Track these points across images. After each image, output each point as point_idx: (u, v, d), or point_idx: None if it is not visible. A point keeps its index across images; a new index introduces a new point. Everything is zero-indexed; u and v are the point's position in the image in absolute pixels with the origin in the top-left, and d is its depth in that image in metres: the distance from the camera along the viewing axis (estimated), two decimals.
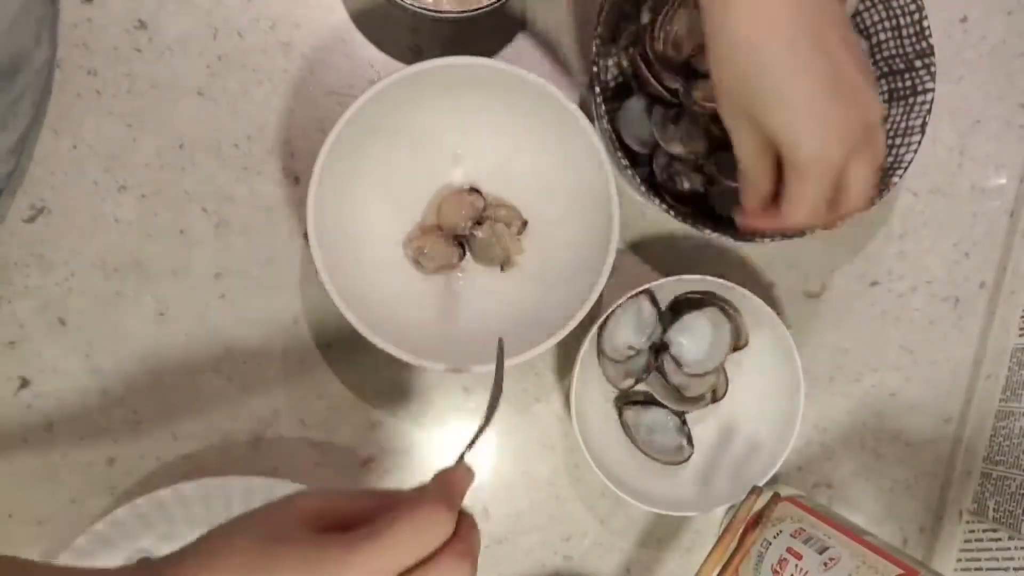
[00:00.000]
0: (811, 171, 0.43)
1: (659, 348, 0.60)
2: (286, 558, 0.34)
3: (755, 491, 0.54)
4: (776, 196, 0.47)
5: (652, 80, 0.57)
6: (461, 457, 0.41)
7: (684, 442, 0.60)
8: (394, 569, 0.35)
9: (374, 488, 0.38)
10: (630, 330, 0.59)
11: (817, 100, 0.41)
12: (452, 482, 0.39)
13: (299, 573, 0.33)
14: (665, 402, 0.61)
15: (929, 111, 0.57)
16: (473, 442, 0.42)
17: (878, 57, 0.60)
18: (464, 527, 0.37)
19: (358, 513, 0.36)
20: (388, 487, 0.58)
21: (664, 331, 0.60)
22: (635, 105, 0.59)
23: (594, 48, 0.55)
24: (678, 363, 0.59)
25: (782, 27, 0.40)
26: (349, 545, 0.34)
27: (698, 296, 0.60)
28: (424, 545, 0.35)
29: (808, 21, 0.41)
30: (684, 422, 0.61)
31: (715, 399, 0.61)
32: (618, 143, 0.57)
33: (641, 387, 0.61)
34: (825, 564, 0.50)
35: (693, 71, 0.58)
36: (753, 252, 0.63)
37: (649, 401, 0.61)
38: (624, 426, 0.61)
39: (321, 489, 0.37)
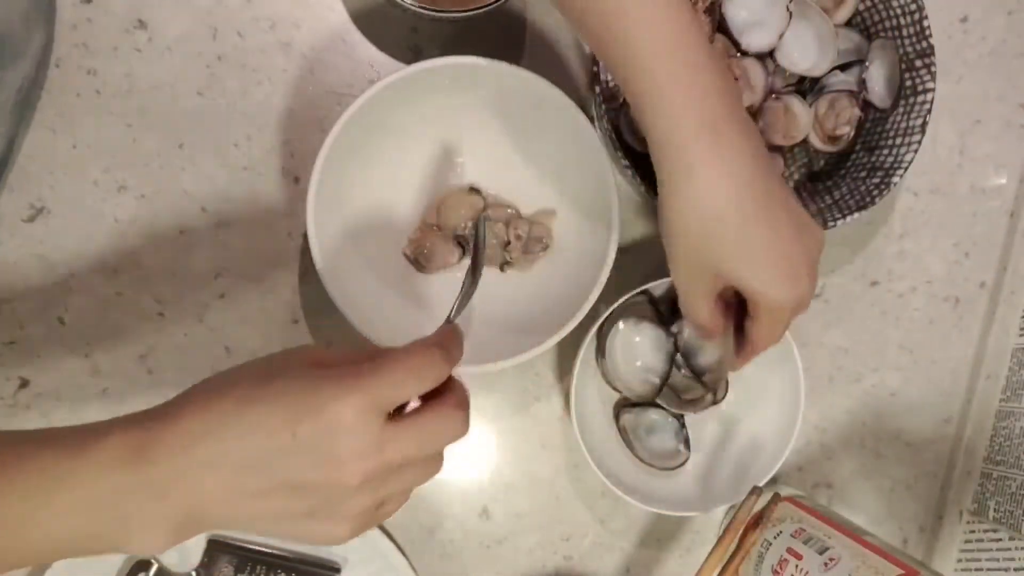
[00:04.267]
0: (786, 312, 0.46)
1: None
2: (283, 388, 0.36)
3: (755, 491, 0.54)
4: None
5: None
6: (450, 317, 0.42)
7: (681, 446, 0.60)
8: (386, 401, 0.36)
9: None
10: (645, 356, 0.60)
11: (786, 252, 0.44)
12: (447, 334, 0.40)
13: (296, 401, 0.35)
14: (664, 404, 0.60)
15: (929, 111, 0.57)
16: (459, 304, 0.44)
17: None
18: (456, 383, 0.39)
19: (354, 362, 0.37)
20: None
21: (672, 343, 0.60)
22: None
23: None
24: (679, 365, 0.59)
25: (746, 195, 0.43)
26: (344, 376, 0.35)
27: None
28: (418, 382, 0.37)
29: (762, 182, 0.44)
30: (683, 425, 0.60)
31: (715, 401, 0.61)
32: (618, 143, 0.57)
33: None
34: (825, 564, 0.50)
35: None
36: None
37: (648, 403, 0.61)
38: (621, 431, 0.61)
39: (317, 345, 0.39)
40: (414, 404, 0.38)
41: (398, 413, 0.37)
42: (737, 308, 0.50)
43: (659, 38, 0.42)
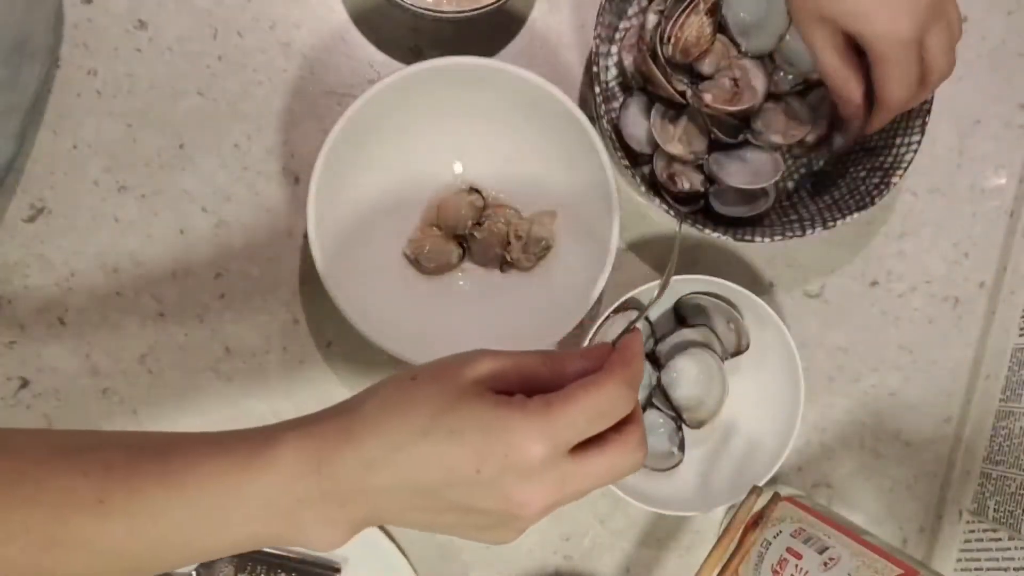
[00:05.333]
0: (890, 51, 0.45)
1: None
2: (466, 420, 0.35)
3: (755, 491, 0.54)
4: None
5: (664, 81, 0.57)
6: (634, 325, 0.40)
7: (675, 449, 0.60)
8: (572, 440, 0.35)
9: (546, 351, 0.39)
10: None
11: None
12: (630, 355, 0.38)
13: (481, 437, 0.34)
14: (663, 407, 0.61)
15: (929, 111, 0.57)
16: (648, 309, 0.43)
17: None
18: (637, 413, 0.38)
19: (528, 377, 0.37)
20: None
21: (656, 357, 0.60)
22: (635, 105, 0.59)
23: (594, 48, 0.55)
24: (678, 404, 0.60)
25: None
26: (529, 412, 0.34)
27: (697, 304, 0.60)
28: (605, 421, 0.36)
29: None
30: (679, 427, 0.60)
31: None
32: (618, 143, 0.57)
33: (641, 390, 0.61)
34: (825, 564, 0.50)
35: (697, 74, 0.59)
36: (753, 252, 0.64)
37: (646, 404, 0.61)
38: None
39: (493, 351, 0.37)
40: None
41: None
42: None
43: None
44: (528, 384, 0.37)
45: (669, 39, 0.56)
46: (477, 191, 0.59)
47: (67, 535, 0.34)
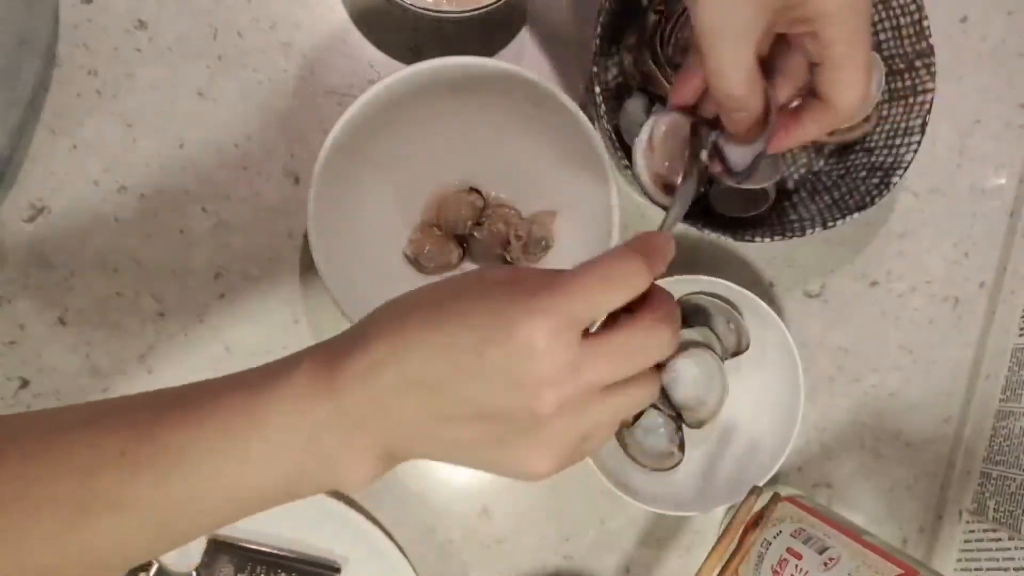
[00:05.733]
0: (855, 32, 0.38)
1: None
2: (470, 308, 0.32)
3: (755, 491, 0.54)
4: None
5: (665, 82, 0.57)
6: (663, 225, 0.38)
7: (675, 448, 0.60)
8: (584, 319, 0.32)
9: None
10: None
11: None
12: (652, 241, 0.35)
13: (482, 321, 0.32)
14: (663, 407, 0.61)
15: (929, 111, 0.57)
16: (675, 215, 0.40)
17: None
18: (659, 292, 0.35)
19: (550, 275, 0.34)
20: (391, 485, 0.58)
21: None
22: (635, 105, 0.59)
23: (594, 48, 0.55)
24: (678, 404, 0.60)
25: None
26: (536, 291, 0.32)
27: (697, 304, 0.60)
28: (617, 294, 0.33)
29: None
30: (679, 427, 0.60)
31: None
32: (618, 143, 0.57)
33: None
34: (825, 564, 0.50)
35: None
36: (753, 252, 0.64)
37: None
38: (617, 431, 0.61)
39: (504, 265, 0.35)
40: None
41: (603, 328, 0.33)
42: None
43: None
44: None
45: (669, 39, 0.56)
46: (477, 191, 0.59)
47: (95, 498, 0.33)
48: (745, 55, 0.39)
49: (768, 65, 0.41)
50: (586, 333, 0.33)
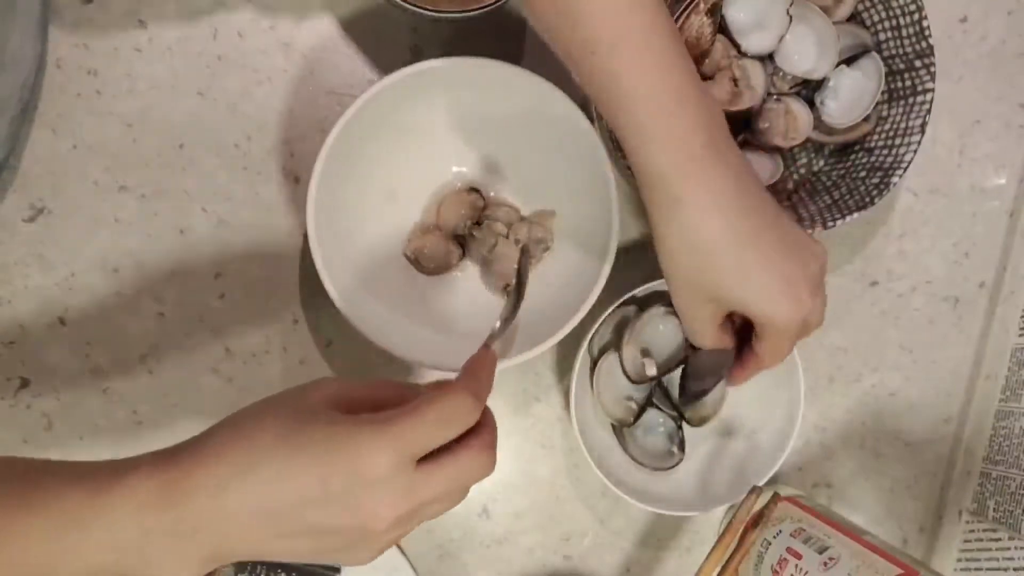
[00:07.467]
0: (790, 332, 0.47)
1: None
2: (312, 436, 0.35)
3: (755, 491, 0.54)
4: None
5: None
6: (486, 344, 0.42)
7: (675, 448, 0.60)
8: (419, 450, 0.36)
9: (392, 380, 0.41)
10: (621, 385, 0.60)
11: (782, 272, 0.45)
12: (479, 370, 0.40)
13: (326, 451, 0.35)
14: (663, 406, 0.61)
15: (929, 111, 0.57)
16: (499, 330, 0.44)
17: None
18: (485, 419, 0.39)
19: (379, 400, 0.38)
20: None
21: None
22: None
23: None
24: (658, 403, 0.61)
25: (735, 223, 0.44)
26: (376, 424, 0.35)
27: None
28: (450, 430, 0.37)
29: (751, 207, 0.45)
30: (679, 427, 0.60)
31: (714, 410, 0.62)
32: (618, 143, 0.57)
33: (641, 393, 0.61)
34: (825, 564, 0.50)
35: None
36: None
37: (646, 403, 0.61)
38: (615, 428, 0.61)
39: (338, 377, 0.39)
40: None
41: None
42: (744, 324, 0.50)
43: (644, 69, 0.42)
44: (378, 408, 0.37)
45: None
46: (477, 191, 0.59)
47: None
48: (710, 327, 0.49)
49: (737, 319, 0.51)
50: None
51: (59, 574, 0.35)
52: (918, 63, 0.57)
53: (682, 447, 0.60)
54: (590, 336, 0.57)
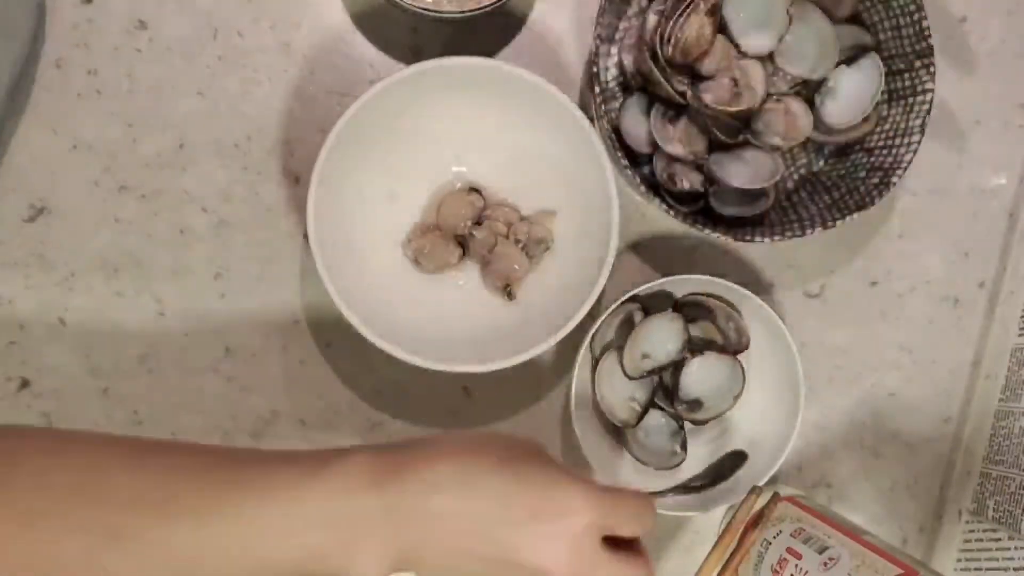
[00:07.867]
0: None
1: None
2: (536, 472, 0.38)
3: (755, 491, 0.54)
4: None
5: (664, 82, 0.57)
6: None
7: (678, 447, 0.60)
8: (611, 528, 0.38)
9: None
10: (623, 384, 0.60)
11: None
12: (651, 500, 0.43)
13: (544, 488, 0.38)
14: (665, 407, 0.61)
15: (929, 111, 0.57)
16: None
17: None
18: (646, 551, 0.42)
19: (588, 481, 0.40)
20: None
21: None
22: (635, 105, 0.59)
23: (594, 48, 0.55)
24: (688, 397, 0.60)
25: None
26: (589, 487, 0.38)
27: (700, 299, 0.60)
28: (638, 524, 0.40)
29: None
30: (681, 427, 0.60)
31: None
32: (618, 143, 0.57)
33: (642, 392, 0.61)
34: (825, 564, 0.50)
35: (697, 74, 0.59)
36: (753, 252, 0.63)
37: (648, 404, 0.61)
38: (616, 430, 0.61)
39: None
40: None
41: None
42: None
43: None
44: None
45: (669, 39, 0.56)
46: (477, 191, 0.59)
47: (129, 532, 0.35)
48: None
49: None
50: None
51: (264, 552, 0.36)
52: (918, 63, 0.57)
53: (684, 447, 0.60)
54: (591, 335, 0.57)
